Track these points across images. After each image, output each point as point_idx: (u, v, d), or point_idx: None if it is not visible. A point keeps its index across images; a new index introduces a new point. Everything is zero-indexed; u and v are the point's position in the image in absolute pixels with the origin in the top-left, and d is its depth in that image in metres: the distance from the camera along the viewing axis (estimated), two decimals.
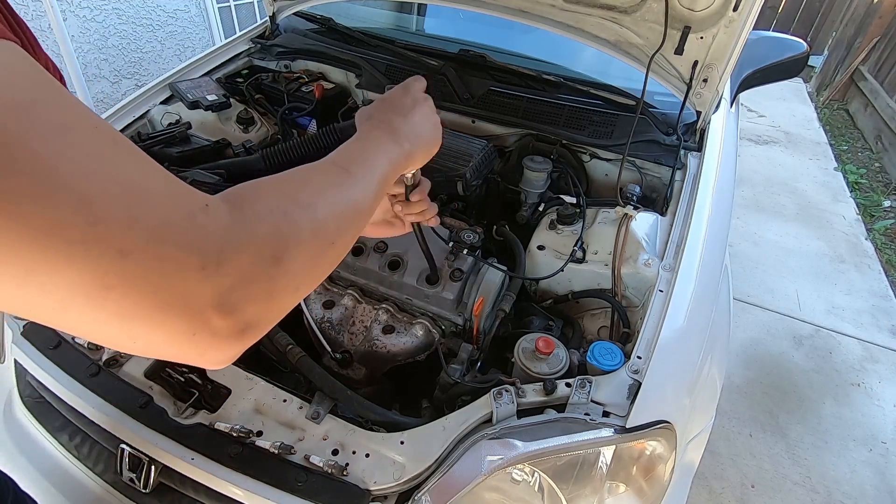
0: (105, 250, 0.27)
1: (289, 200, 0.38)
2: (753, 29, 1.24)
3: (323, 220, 0.40)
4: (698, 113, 1.43)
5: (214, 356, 0.33)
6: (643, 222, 1.18)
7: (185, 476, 0.86)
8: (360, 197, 0.46)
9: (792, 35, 1.96)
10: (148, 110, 1.51)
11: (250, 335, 0.34)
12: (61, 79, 0.49)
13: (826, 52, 5.50)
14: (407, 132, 0.56)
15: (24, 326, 1.04)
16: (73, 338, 0.99)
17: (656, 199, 1.39)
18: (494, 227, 1.31)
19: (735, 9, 1.18)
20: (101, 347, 0.98)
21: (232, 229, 0.33)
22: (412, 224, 0.75)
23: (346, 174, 0.46)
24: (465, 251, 1.14)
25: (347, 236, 0.44)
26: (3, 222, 0.25)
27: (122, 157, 0.30)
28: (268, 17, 1.87)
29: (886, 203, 3.55)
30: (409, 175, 0.68)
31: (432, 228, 1.06)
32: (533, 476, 0.82)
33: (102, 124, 0.31)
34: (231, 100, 1.55)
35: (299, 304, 1.12)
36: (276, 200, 0.37)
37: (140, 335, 0.30)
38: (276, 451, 0.84)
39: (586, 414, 0.84)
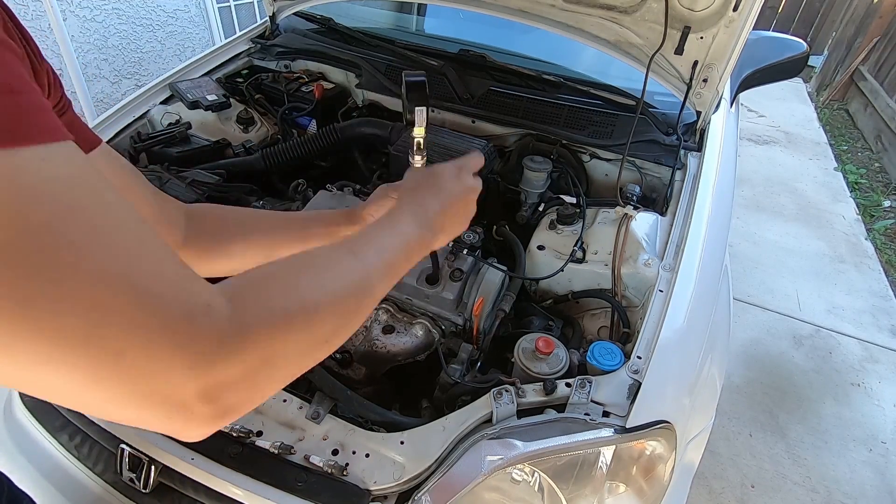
0: (102, 350, 0.29)
1: (293, 300, 0.39)
2: (753, 29, 1.24)
3: (321, 322, 0.40)
4: (698, 113, 1.43)
5: (195, 433, 0.35)
6: (643, 222, 1.18)
7: (185, 476, 0.86)
8: (368, 301, 0.46)
9: (792, 35, 1.96)
10: (148, 110, 1.51)
11: (230, 417, 0.36)
12: (60, 85, 0.49)
13: (826, 52, 5.50)
14: (438, 223, 0.57)
15: None
16: None
17: (656, 199, 1.39)
18: (494, 227, 1.31)
19: (735, 9, 1.18)
20: None
21: (228, 334, 0.34)
22: None
23: (363, 270, 0.46)
24: (465, 251, 1.14)
25: (343, 335, 0.44)
26: (18, 321, 0.27)
27: (141, 255, 0.32)
28: (268, 17, 1.87)
29: (886, 203, 3.55)
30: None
31: None
32: (533, 476, 0.82)
33: (129, 217, 0.33)
34: (231, 100, 1.55)
35: None
36: (280, 300, 0.38)
37: (127, 415, 0.32)
38: (276, 451, 0.84)
39: (586, 414, 0.84)
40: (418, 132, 0.73)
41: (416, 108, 0.71)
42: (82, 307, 0.28)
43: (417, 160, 0.76)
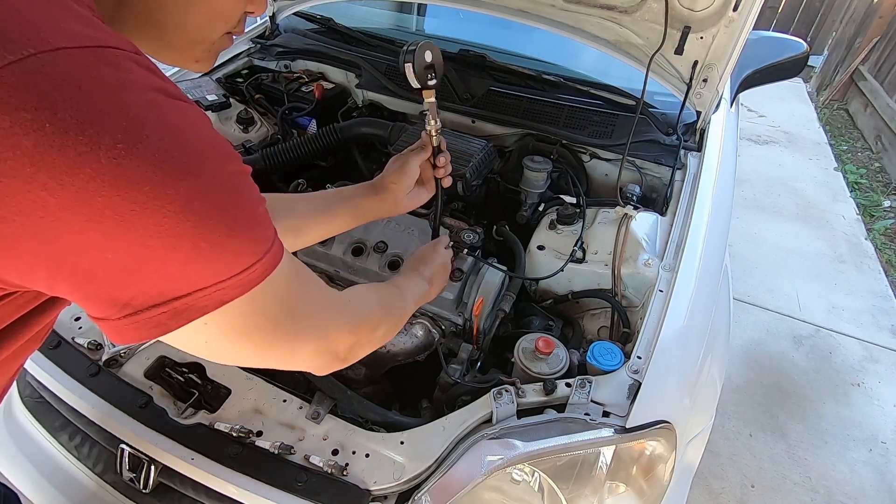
0: (321, 338, 0.55)
1: (388, 319, 0.70)
2: (753, 29, 1.24)
3: (394, 326, 0.74)
4: (698, 113, 1.43)
5: (331, 369, 0.60)
6: (643, 222, 1.18)
7: (185, 476, 0.86)
8: (408, 312, 0.81)
9: (792, 35, 1.96)
10: None
11: (348, 363, 0.62)
12: None
13: (826, 52, 5.49)
14: (428, 276, 0.90)
15: None
16: (72, 338, 0.99)
17: (656, 199, 1.39)
18: (494, 227, 1.31)
19: (735, 9, 1.18)
20: (101, 347, 0.98)
21: (364, 337, 0.63)
22: (435, 183, 0.97)
23: (404, 304, 0.79)
24: (465, 251, 1.14)
25: (399, 327, 0.77)
26: (286, 340, 0.50)
27: (325, 291, 0.57)
28: (268, 17, 1.87)
29: (886, 203, 3.55)
30: (434, 134, 0.91)
31: (432, 229, 1.07)
32: (533, 476, 0.82)
33: (318, 285, 0.56)
34: (231, 100, 1.55)
35: None
36: (384, 320, 0.69)
37: (302, 357, 0.54)
38: (276, 451, 0.84)
39: (586, 414, 0.84)
40: (432, 96, 0.86)
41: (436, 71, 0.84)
42: (312, 327, 0.54)
43: (433, 125, 0.89)
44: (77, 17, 0.37)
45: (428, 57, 0.83)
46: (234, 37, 0.59)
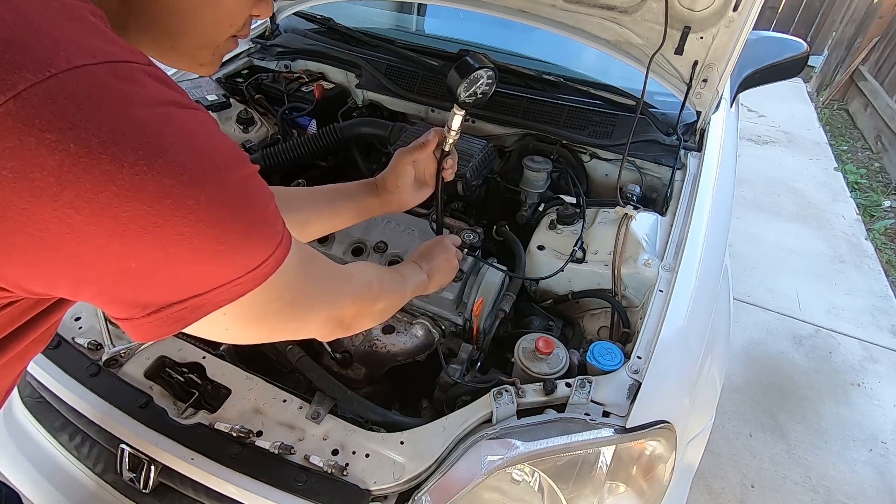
0: (333, 312, 0.62)
1: (386, 294, 0.75)
2: (753, 29, 1.24)
3: (393, 303, 0.78)
4: (698, 113, 1.43)
5: (336, 335, 0.65)
6: (643, 222, 1.18)
7: (185, 476, 0.86)
8: (406, 294, 0.83)
9: (792, 35, 1.96)
10: None
11: (353, 331, 0.67)
12: None
13: (826, 52, 5.49)
14: (428, 270, 0.91)
15: None
16: (72, 338, 0.99)
17: (656, 199, 1.39)
18: (494, 227, 1.31)
19: (735, 9, 1.18)
20: (101, 347, 0.98)
21: (366, 307, 0.68)
22: (437, 180, 0.98)
23: (403, 286, 0.82)
24: (465, 251, 1.14)
25: (398, 306, 0.81)
26: (298, 317, 0.56)
27: (329, 267, 0.62)
28: (268, 17, 1.87)
29: (886, 203, 3.55)
30: (450, 142, 0.94)
31: (432, 229, 1.07)
32: (533, 476, 0.82)
33: (326, 263, 0.61)
34: (231, 100, 1.55)
35: None
36: (383, 294, 0.73)
37: (312, 328, 0.59)
38: (276, 451, 0.84)
39: (586, 414, 0.84)
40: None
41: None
42: (322, 301, 0.59)
43: (451, 133, 0.92)
44: (93, 30, 0.37)
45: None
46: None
